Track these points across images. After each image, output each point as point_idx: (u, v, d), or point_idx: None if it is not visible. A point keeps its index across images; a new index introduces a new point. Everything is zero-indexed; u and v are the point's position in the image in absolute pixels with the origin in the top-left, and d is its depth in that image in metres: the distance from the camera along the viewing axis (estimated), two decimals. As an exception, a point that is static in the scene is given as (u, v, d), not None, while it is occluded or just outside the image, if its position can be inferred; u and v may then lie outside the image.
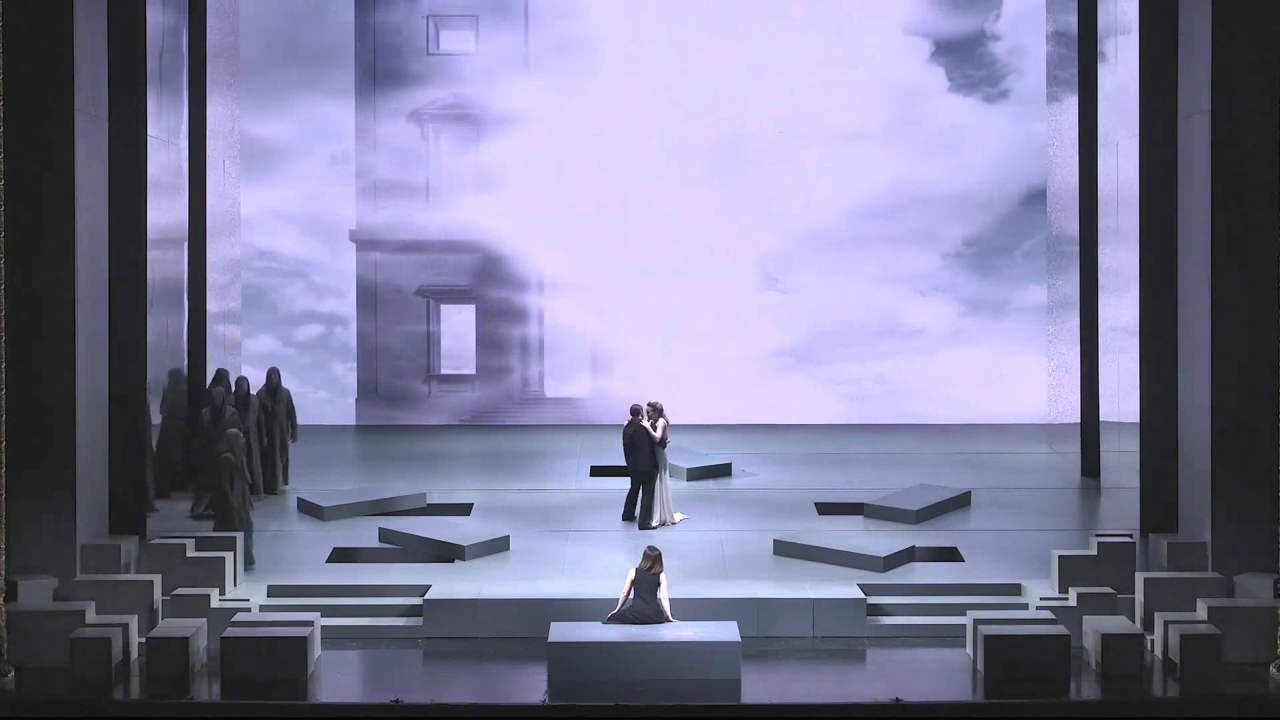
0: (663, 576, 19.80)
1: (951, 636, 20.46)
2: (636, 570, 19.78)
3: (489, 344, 34.87)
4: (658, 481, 24.62)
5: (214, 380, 26.55)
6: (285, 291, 34.97)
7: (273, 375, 27.26)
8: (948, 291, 34.76)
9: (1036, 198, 34.17)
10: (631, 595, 19.72)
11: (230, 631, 19.50)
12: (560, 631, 19.52)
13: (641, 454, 24.71)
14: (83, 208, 21.54)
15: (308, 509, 25.42)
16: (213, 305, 28.77)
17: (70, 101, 21.29)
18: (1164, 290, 22.71)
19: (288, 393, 27.32)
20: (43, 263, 21.06)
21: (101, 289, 22.44)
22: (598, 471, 28.01)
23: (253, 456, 25.46)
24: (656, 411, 24.86)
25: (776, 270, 34.92)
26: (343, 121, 35.38)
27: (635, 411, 24.95)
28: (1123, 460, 26.31)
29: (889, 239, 35.82)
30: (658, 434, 24.65)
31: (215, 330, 28.93)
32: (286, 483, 26.86)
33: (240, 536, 22.18)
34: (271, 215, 34.52)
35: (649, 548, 19.95)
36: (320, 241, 35.91)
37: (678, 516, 24.78)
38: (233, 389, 26.23)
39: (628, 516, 24.87)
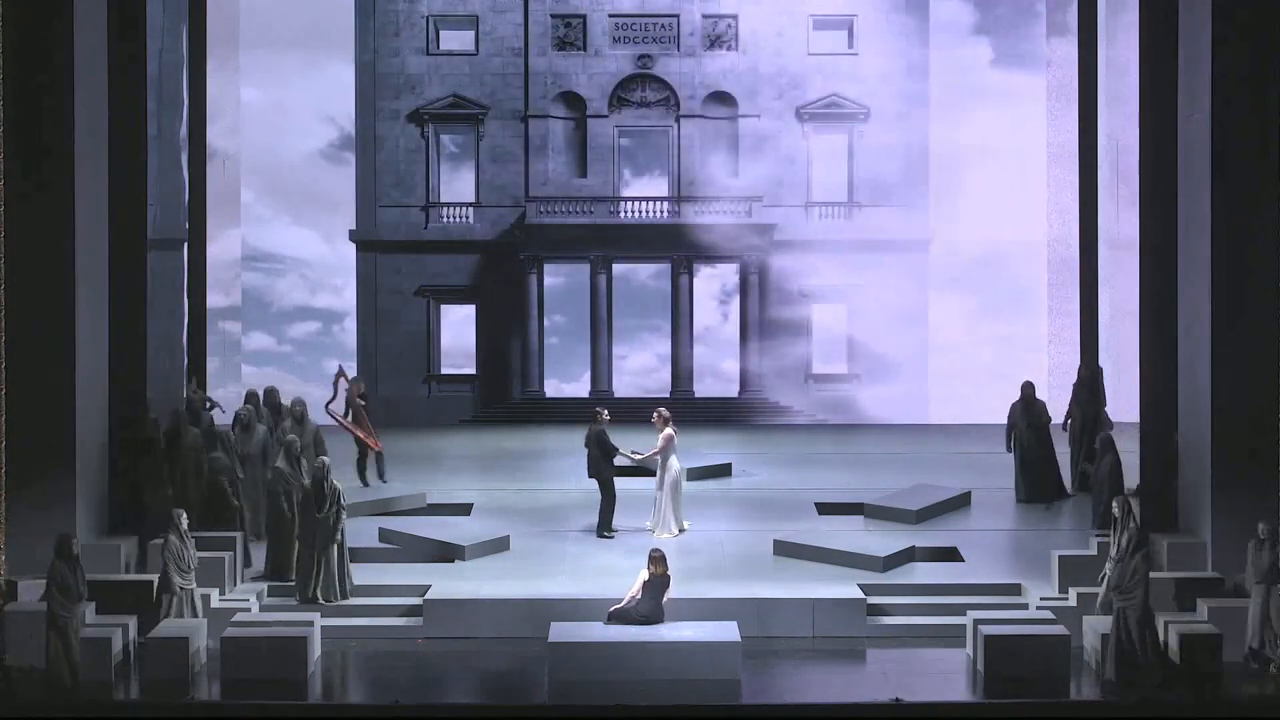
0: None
1: (951, 636, 20.43)
2: (651, 574, 19.67)
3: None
4: (665, 487, 24.09)
5: (245, 402, 25.61)
6: (281, 288, 34.99)
7: (297, 405, 25.24)
8: (949, 292, 34.78)
9: (1036, 198, 34.20)
10: (639, 596, 19.65)
11: (230, 631, 19.49)
12: (560, 631, 19.50)
13: (590, 459, 24.17)
14: (82, 208, 21.52)
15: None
16: (214, 301, 28.60)
17: (70, 101, 21.26)
18: (1164, 290, 22.69)
19: (315, 426, 25.27)
20: (42, 264, 21.04)
21: (101, 289, 22.42)
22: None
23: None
24: (664, 420, 24.13)
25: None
26: (343, 119, 35.42)
27: (594, 416, 24.36)
28: (1122, 460, 26.24)
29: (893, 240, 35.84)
30: (659, 445, 24.04)
31: (217, 327, 28.88)
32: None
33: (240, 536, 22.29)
34: (271, 213, 34.55)
35: (654, 550, 19.84)
36: (319, 240, 35.93)
37: (663, 534, 23.95)
38: (259, 414, 24.97)
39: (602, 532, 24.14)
